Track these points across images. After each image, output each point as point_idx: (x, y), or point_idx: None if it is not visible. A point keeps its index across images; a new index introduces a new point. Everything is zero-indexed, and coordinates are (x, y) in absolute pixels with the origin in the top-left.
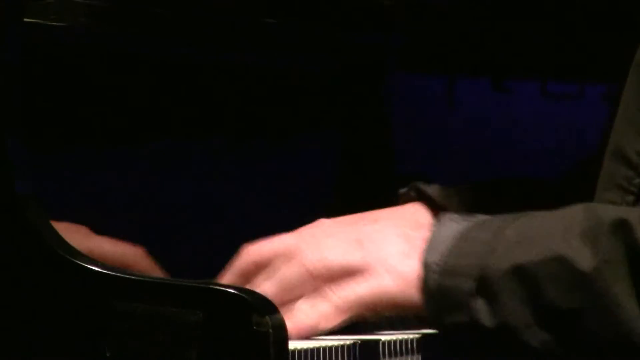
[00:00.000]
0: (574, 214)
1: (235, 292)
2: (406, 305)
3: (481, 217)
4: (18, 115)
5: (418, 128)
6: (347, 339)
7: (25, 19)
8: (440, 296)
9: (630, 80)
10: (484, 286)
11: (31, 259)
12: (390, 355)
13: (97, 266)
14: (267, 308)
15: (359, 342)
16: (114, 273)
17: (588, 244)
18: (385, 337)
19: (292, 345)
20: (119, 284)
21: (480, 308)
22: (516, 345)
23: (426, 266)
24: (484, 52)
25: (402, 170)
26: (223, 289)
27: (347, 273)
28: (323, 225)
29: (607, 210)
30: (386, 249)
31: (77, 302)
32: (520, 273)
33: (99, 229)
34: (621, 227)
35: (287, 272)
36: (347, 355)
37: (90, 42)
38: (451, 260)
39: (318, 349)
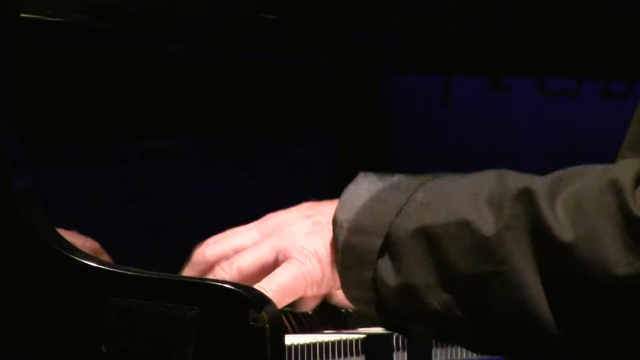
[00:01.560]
0: (486, 180)
1: (231, 287)
2: (325, 281)
3: (397, 178)
4: (15, 111)
5: (415, 126)
6: (343, 335)
7: (23, 15)
8: (347, 252)
9: None
10: (390, 244)
11: (27, 255)
12: (390, 349)
13: (93, 262)
14: (263, 304)
15: (355, 337)
16: (110, 269)
17: (493, 209)
18: (378, 331)
19: (289, 340)
20: (115, 280)
21: (385, 266)
22: (417, 305)
23: (336, 223)
24: (480, 50)
25: (400, 168)
26: (219, 284)
27: (264, 267)
28: (238, 230)
29: (516, 178)
30: (295, 232)
31: (73, 298)
32: (425, 234)
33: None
34: (525, 195)
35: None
36: (344, 351)
37: (87, 37)
38: (360, 218)
39: (315, 344)
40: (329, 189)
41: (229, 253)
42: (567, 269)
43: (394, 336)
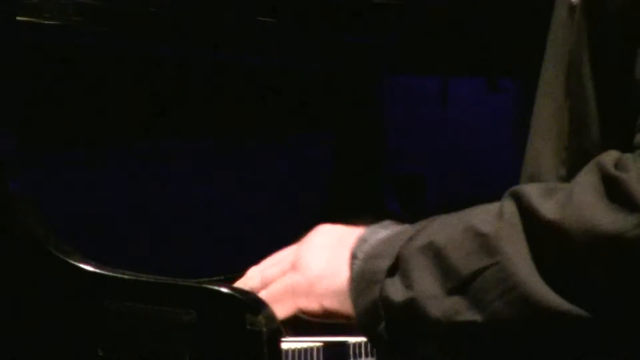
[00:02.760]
0: (495, 204)
1: (228, 291)
2: (313, 294)
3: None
4: (12, 114)
5: (412, 128)
6: (341, 339)
7: (19, 18)
8: (360, 278)
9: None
10: (399, 263)
11: (25, 258)
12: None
13: (90, 265)
14: (260, 307)
15: (353, 342)
16: (107, 272)
17: (495, 214)
18: None
19: (286, 344)
20: (112, 283)
21: (392, 283)
22: (419, 319)
23: (353, 256)
24: (478, 51)
25: (396, 169)
26: (216, 288)
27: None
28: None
29: (515, 188)
30: (311, 246)
31: (70, 301)
32: (431, 247)
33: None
34: (518, 195)
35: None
36: (342, 355)
37: (83, 40)
38: (376, 249)
39: (312, 348)
40: (325, 190)
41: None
42: (557, 246)
43: None
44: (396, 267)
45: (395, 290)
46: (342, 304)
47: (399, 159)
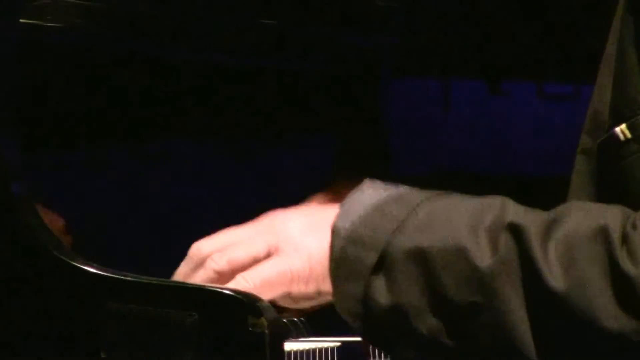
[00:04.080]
0: (488, 208)
1: (231, 293)
2: (312, 279)
3: (401, 190)
4: (14, 116)
5: (414, 130)
6: (343, 340)
7: (21, 20)
8: (342, 262)
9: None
10: (385, 262)
11: (27, 260)
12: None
13: (92, 267)
14: (263, 309)
15: (355, 342)
16: (109, 274)
17: (491, 240)
18: None
19: (288, 346)
20: (114, 285)
21: (378, 283)
22: (405, 327)
23: (335, 230)
24: (480, 54)
25: (399, 172)
26: (219, 290)
27: (255, 261)
28: (237, 228)
29: (517, 212)
30: (290, 229)
31: (72, 303)
32: (421, 256)
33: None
34: (517, 232)
35: (203, 276)
36: (344, 356)
37: (85, 42)
38: (359, 229)
39: (314, 350)
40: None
41: (225, 248)
42: (557, 315)
43: None
44: (381, 264)
45: (380, 292)
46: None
47: (401, 161)
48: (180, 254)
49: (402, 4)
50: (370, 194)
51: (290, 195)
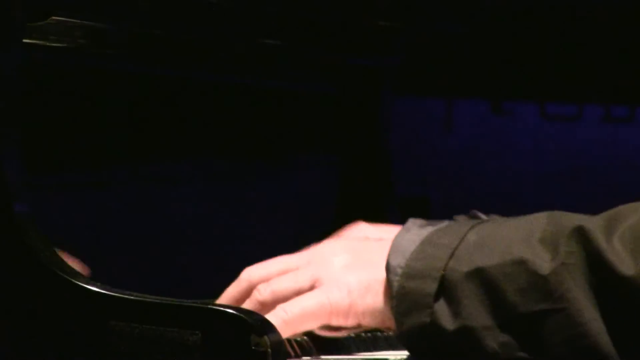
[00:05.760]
0: (537, 220)
1: (233, 312)
2: (352, 313)
3: (446, 223)
4: (17, 136)
5: (417, 150)
6: (347, 359)
7: (26, 40)
8: (403, 298)
9: None
10: (445, 288)
11: (29, 280)
12: None
13: (95, 287)
14: (265, 328)
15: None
16: (112, 293)
17: (548, 248)
18: (383, 356)
19: None
20: (117, 305)
21: (441, 309)
22: (476, 348)
23: (389, 270)
24: (482, 74)
25: (402, 192)
26: (221, 309)
27: (298, 293)
28: (287, 256)
29: (569, 217)
30: (334, 264)
31: (75, 322)
32: (481, 275)
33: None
34: (580, 233)
35: (249, 305)
36: None
37: (89, 63)
38: (414, 263)
39: None
40: (329, 213)
41: (273, 276)
42: (630, 302)
43: None
44: (441, 291)
45: (445, 317)
46: (383, 322)
47: (404, 182)
48: (183, 274)
49: (404, 24)
50: (416, 230)
51: (294, 218)
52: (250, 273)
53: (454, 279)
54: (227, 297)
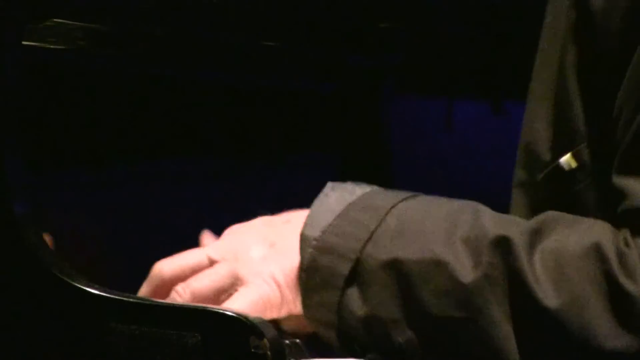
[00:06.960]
0: (461, 215)
1: (233, 314)
2: (285, 303)
3: (365, 191)
4: (17, 136)
5: (416, 150)
6: None
7: (24, 42)
8: (313, 272)
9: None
10: (359, 272)
11: (29, 281)
12: None
13: (94, 289)
14: (265, 330)
15: None
16: (111, 295)
17: (470, 253)
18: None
19: None
20: (116, 306)
21: (352, 293)
22: (381, 338)
23: (303, 240)
24: (482, 74)
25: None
26: (221, 311)
27: (220, 292)
28: (197, 249)
29: (492, 221)
30: (252, 257)
31: (75, 324)
32: (397, 267)
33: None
34: (503, 243)
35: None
36: None
37: (88, 64)
38: (329, 237)
39: None
40: None
41: (186, 272)
42: (548, 332)
43: None
44: (354, 274)
45: (355, 302)
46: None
47: (403, 182)
48: None
49: (404, 26)
50: (334, 198)
51: None
52: (162, 269)
53: (369, 264)
54: (141, 295)
